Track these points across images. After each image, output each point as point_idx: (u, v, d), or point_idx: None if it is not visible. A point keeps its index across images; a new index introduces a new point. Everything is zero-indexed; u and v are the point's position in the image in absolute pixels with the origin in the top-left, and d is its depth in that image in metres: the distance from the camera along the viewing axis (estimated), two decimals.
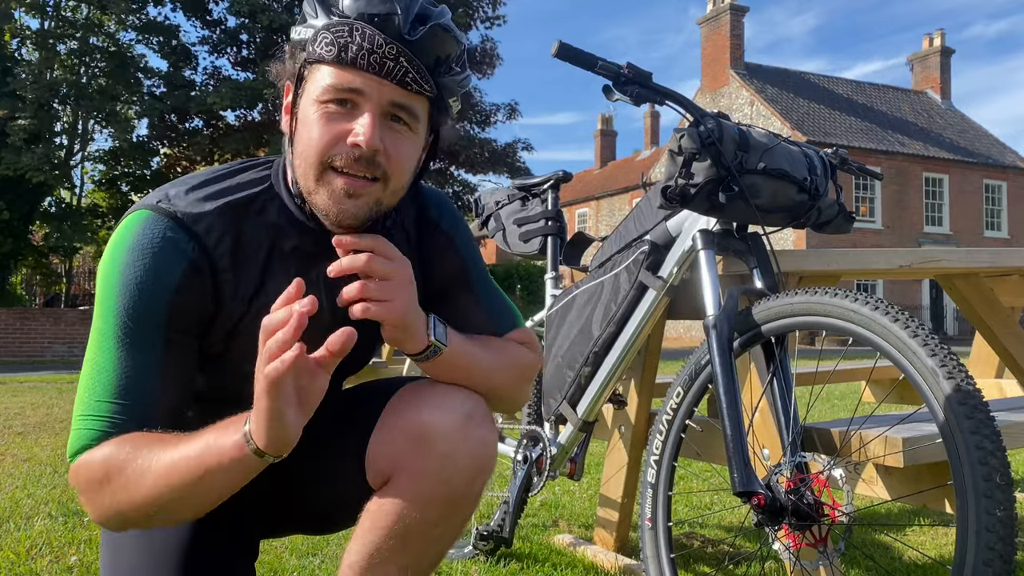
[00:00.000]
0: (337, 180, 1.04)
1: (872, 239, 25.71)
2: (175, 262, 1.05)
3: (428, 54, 1.03)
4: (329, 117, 1.03)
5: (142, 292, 1.03)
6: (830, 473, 1.44)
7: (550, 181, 2.35)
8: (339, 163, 1.03)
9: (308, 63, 1.05)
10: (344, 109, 1.03)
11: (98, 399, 1.02)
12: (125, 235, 1.06)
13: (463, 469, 1.09)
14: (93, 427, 1.01)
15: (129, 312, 1.03)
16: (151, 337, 1.04)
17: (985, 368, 2.80)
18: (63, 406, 6.26)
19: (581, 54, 1.57)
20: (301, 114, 1.06)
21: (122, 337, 1.03)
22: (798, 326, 1.53)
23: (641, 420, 2.20)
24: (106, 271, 1.05)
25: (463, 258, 1.27)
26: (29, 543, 2.35)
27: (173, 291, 1.04)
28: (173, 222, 1.06)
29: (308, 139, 1.04)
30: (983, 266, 2.23)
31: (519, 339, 1.27)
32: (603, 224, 34.56)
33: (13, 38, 18.50)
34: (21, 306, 18.12)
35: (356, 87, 1.02)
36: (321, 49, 1.02)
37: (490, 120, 20.60)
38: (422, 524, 1.09)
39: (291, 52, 1.08)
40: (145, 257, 1.04)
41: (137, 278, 1.03)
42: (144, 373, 1.03)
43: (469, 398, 1.13)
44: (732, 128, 1.63)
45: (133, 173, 19.60)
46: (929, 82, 31.16)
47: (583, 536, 2.47)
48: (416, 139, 1.08)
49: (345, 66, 1.02)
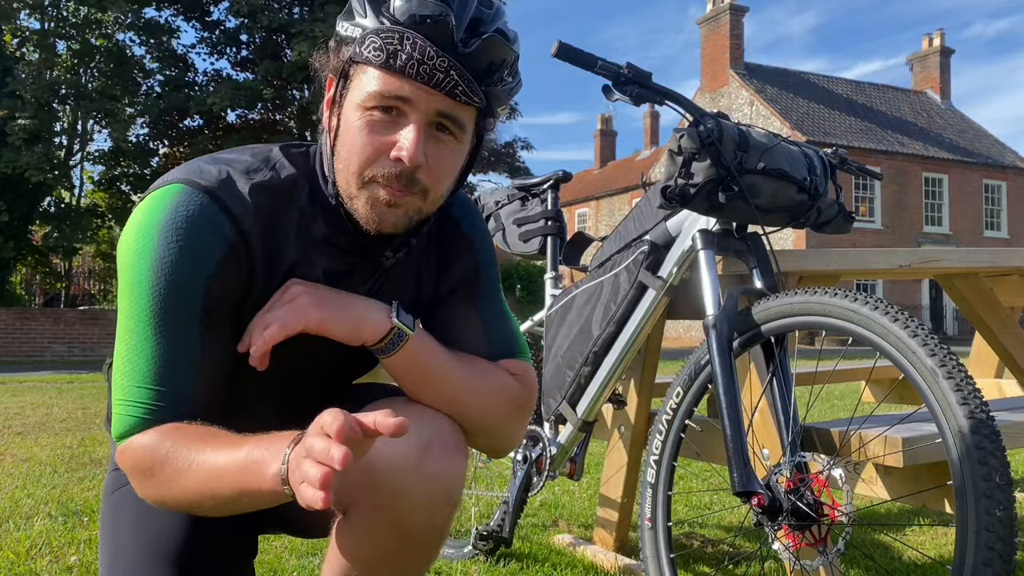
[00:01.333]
0: (380, 191, 1.01)
1: (872, 239, 25.72)
2: (214, 243, 0.99)
3: (481, 62, 1.00)
4: (373, 126, 1.00)
5: (179, 274, 0.98)
6: (830, 473, 1.44)
7: (550, 181, 2.35)
8: (380, 179, 1.00)
9: (354, 62, 1.01)
10: (389, 117, 1.00)
11: (137, 384, 0.99)
12: (157, 209, 0.99)
13: (418, 507, 1.01)
14: (134, 413, 0.99)
15: (164, 295, 0.98)
16: (188, 322, 0.99)
17: (985, 368, 2.80)
18: (63, 406, 6.26)
19: (581, 54, 1.57)
20: (345, 116, 1.02)
21: (157, 322, 0.98)
22: (798, 326, 1.53)
23: (641, 420, 2.20)
24: (136, 247, 0.99)
25: (478, 266, 1.21)
26: (29, 543, 2.35)
27: (211, 275, 0.99)
28: (210, 199, 1.00)
29: (351, 147, 1.01)
30: (983, 266, 2.23)
31: (512, 369, 1.17)
32: (603, 224, 34.56)
33: (13, 38, 18.51)
34: (21, 306, 18.12)
35: (403, 95, 0.98)
36: (369, 53, 0.98)
37: None
38: (385, 557, 1.04)
39: (336, 46, 1.04)
40: (181, 235, 0.97)
41: (174, 259, 0.97)
42: (181, 360, 0.99)
43: (430, 425, 1.04)
44: (732, 128, 1.63)
45: (132, 173, 19.61)
46: (929, 82, 31.17)
47: (583, 536, 2.47)
48: (460, 148, 1.05)
49: (393, 72, 0.98)
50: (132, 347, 1.00)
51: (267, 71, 17.91)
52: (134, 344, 1.00)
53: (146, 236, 0.99)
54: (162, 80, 18.98)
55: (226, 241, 1.00)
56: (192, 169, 1.03)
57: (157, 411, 0.99)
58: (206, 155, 1.08)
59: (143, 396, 0.99)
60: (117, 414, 1.01)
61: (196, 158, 1.07)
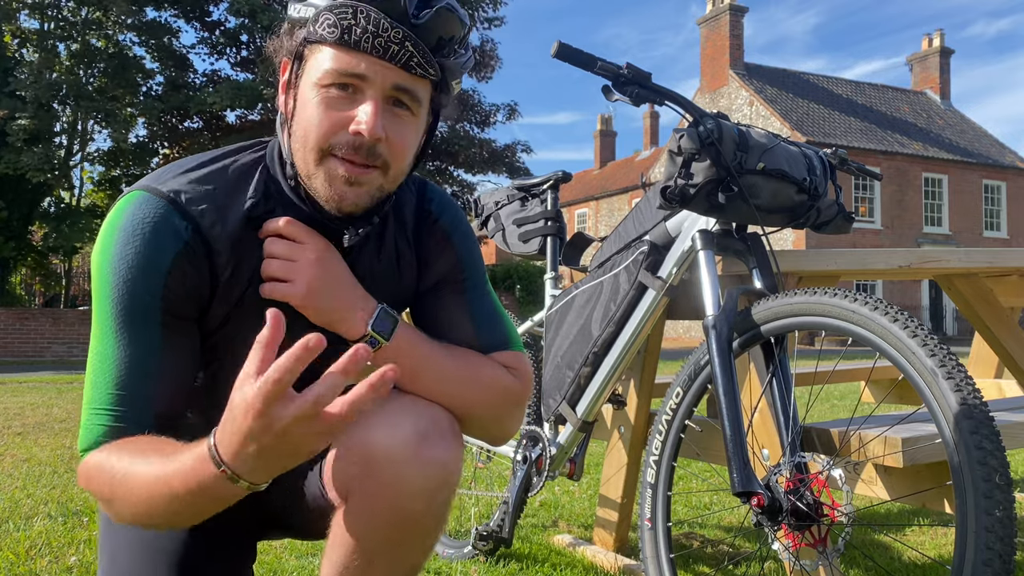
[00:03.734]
0: (338, 167, 1.02)
1: (871, 239, 25.72)
2: (169, 243, 1.01)
3: (433, 36, 1.01)
4: (330, 102, 1.01)
5: (135, 275, 1.00)
6: (829, 473, 1.44)
7: (549, 181, 2.35)
8: (340, 152, 1.01)
9: (308, 43, 1.02)
10: (346, 94, 1.01)
11: (99, 389, 1.00)
12: (117, 217, 1.03)
13: (415, 493, 1.01)
14: (98, 422, 0.99)
15: (123, 297, 1.00)
16: (147, 322, 1.01)
17: (984, 368, 2.80)
18: (63, 406, 6.26)
19: (580, 54, 1.57)
20: (300, 96, 1.03)
21: (118, 324, 1.00)
22: (797, 326, 1.53)
23: (640, 420, 2.20)
24: (99, 255, 1.02)
25: (459, 260, 1.20)
26: (28, 543, 2.35)
27: (166, 273, 1.01)
28: (166, 202, 1.02)
29: (308, 124, 1.02)
30: (982, 266, 2.23)
31: (505, 361, 1.17)
32: (602, 224, 34.56)
33: (14, 38, 18.51)
34: (21, 306, 18.12)
35: (359, 72, 0.99)
36: (323, 30, 0.99)
37: (489, 120, 20.59)
38: (383, 545, 1.05)
39: (289, 29, 1.05)
40: (136, 238, 1.01)
41: (129, 261, 1.00)
42: (142, 360, 1.00)
43: (425, 414, 1.05)
44: (731, 128, 1.63)
45: (132, 173, 19.61)
46: (928, 82, 31.18)
47: (582, 536, 2.47)
48: (417, 122, 1.07)
49: (348, 49, 0.99)
50: (97, 352, 1.01)
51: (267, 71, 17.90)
52: (99, 349, 1.01)
53: (106, 243, 1.02)
54: (162, 80, 18.98)
55: (181, 240, 1.02)
56: (153, 177, 1.06)
57: (119, 416, 0.99)
58: (172, 163, 1.11)
59: (106, 401, 0.99)
60: (83, 425, 1.01)
61: (160, 168, 1.10)
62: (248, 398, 0.81)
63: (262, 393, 0.80)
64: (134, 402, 1.00)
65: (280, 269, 1.05)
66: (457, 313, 1.18)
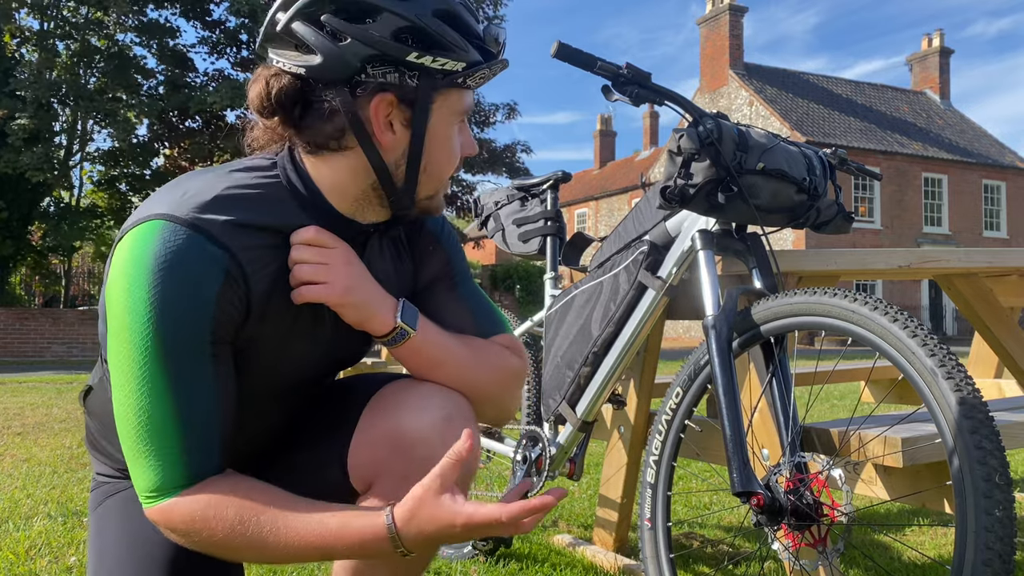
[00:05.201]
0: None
1: (871, 239, 25.72)
2: (213, 271, 0.98)
3: None
4: (456, 135, 1.12)
5: (182, 310, 0.96)
6: (829, 473, 1.44)
7: (549, 181, 2.35)
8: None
9: (445, 88, 1.08)
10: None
11: (160, 442, 0.97)
12: (141, 251, 0.96)
13: None
14: (168, 475, 0.98)
15: (172, 336, 0.95)
16: (199, 360, 0.98)
17: (984, 368, 2.80)
18: (62, 406, 6.26)
19: (580, 54, 1.57)
20: (433, 132, 1.09)
21: (170, 368, 0.96)
22: (797, 326, 1.53)
23: (640, 420, 2.20)
24: (131, 290, 0.95)
25: (449, 257, 1.27)
26: (28, 543, 2.35)
27: (214, 305, 0.98)
28: (192, 230, 0.98)
29: (449, 156, 1.12)
30: (982, 266, 2.23)
31: (504, 343, 1.26)
32: (602, 224, 34.56)
33: (13, 38, 18.51)
34: (20, 306, 18.12)
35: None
36: (472, 82, 1.08)
37: (489, 120, 20.60)
38: None
39: (402, 74, 1.04)
40: (176, 270, 0.95)
41: (176, 295, 0.95)
42: (202, 404, 0.99)
43: (449, 399, 1.13)
44: (731, 128, 1.63)
45: (132, 173, 19.61)
46: (928, 82, 31.19)
47: (582, 536, 2.47)
48: None
49: (469, 90, 1.11)
50: (143, 399, 0.96)
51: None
52: (145, 395, 0.96)
53: (135, 280, 0.95)
54: (163, 80, 18.97)
55: (222, 268, 0.99)
56: (160, 203, 1.01)
57: (191, 467, 0.98)
58: (167, 184, 1.07)
59: (171, 454, 0.97)
60: (144, 474, 0.99)
61: (158, 191, 1.06)
62: (475, 517, 0.94)
63: (498, 520, 0.93)
64: (207, 447, 1.00)
65: (313, 272, 1.07)
66: (455, 306, 1.25)
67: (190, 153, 18.86)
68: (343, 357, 1.24)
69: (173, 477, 0.99)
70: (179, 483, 0.99)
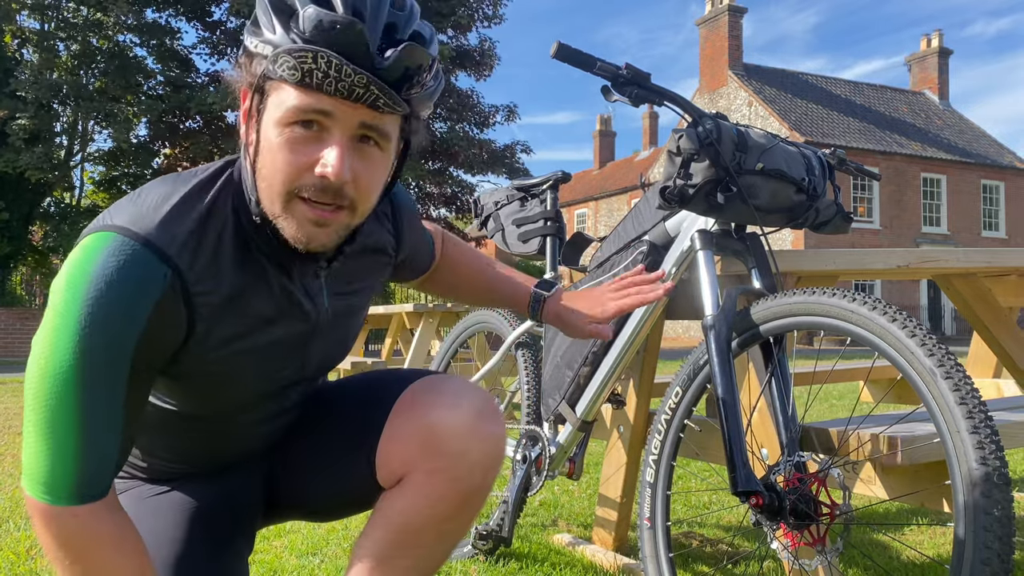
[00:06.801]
0: (306, 211, 0.98)
1: (870, 239, 25.73)
2: (148, 293, 0.94)
3: (398, 72, 0.96)
4: (295, 143, 0.96)
5: (111, 330, 0.93)
6: (828, 472, 1.45)
7: (549, 182, 2.36)
8: (306, 194, 0.97)
9: (268, 78, 0.96)
10: (311, 132, 0.96)
11: (59, 457, 0.95)
12: (88, 260, 0.94)
13: (475, 465, 1.12)
14: (58, 486, 0.95)
15: (95, 352, 0.92)
16: (117, 377, 0.95)
17: (983, 368, 2.80)
18: None
19: (580, 55, 1.57)
20: (264, 132, 0.98)
21: (85, 379, 0.93)
22: (796, 326, 1.53)
23: (640, 420, 2.21)
24: (66, 301, 0.93)
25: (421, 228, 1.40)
26: (29, 543, 2.36)
27: (144, 326, 0.94)
28: (142, 245, 0.95)
29: (273, 166, 0.97)
30: (981, 266, 2.23)
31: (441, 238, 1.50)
32: (602, 224, 34.56)
33: (14, 39, 18.51)
34: (21, 306, 18.11)
35: (324, 108, 0.95)
36: (282, 71, 0.94)
37: (489, 121, 20.60)
38: (434, 520, 1.12)
39: (247, 60, 0.99)
40: (115, 288, 0.92)
41: (106, 315, 0.92)
42: (108, 417, 0.96)
43: (479, 394, 1.17)
44: (730, 128, 1.63)
45: (133, 173, 19.61)
46: (927, 82, 31.20)
47: (582, 535, 2.48)
48: (386, 157, 1.04)
49: (310, 89, 0.94)
50: (52, 408, 0.94)
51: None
52: (54, 406, 0.94)
53: (75, 290, 0.93)
54: (163, 81, 18.98)
55: (160, 289, 0.95)
56: (118, 214, 0.98)
57: (81, 486, 0.96)
58: (131, 194, 1.03)
59: (67, 471, 0.95)
60: (36, 462, 0.96)
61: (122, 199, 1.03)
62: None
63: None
64: (100, 472, 0.97)
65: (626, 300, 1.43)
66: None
67: (190, 153, 18.86)
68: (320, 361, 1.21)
69: (65, 485, 0.95)
70: (68, 493, 0.95)
